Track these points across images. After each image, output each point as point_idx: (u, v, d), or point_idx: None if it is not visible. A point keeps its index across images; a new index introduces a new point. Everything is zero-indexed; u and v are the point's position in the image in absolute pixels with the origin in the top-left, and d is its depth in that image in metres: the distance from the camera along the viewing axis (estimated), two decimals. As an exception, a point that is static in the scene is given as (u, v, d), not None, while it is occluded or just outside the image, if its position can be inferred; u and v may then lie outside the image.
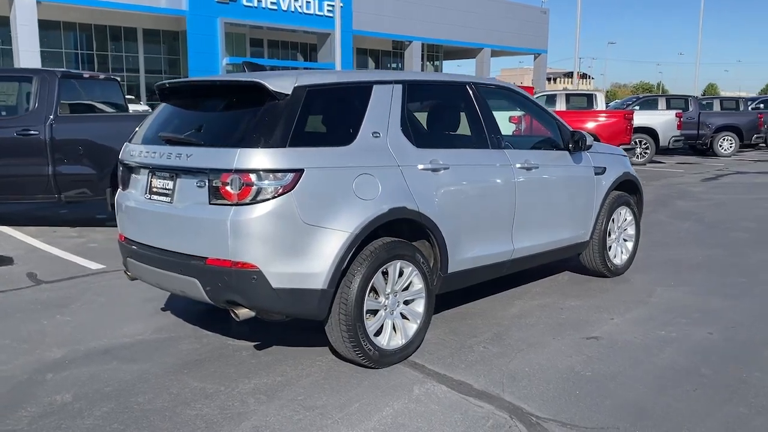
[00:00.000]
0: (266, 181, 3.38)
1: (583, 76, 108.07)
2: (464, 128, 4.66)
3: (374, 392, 3.57)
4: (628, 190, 5.86)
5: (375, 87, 3.98)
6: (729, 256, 6.69)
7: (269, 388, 3.63)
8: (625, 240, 5.91)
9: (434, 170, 4.07)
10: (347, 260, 3.59)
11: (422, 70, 48.57)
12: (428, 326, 4.14)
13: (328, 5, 39.17)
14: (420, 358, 4.02)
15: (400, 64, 48.57)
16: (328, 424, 3.21)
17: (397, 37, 45.05)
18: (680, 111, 17.89)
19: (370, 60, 49.77)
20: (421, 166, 4.01)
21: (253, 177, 3.38)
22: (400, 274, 3.89)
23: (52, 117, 7.55)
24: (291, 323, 4.11)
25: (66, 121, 7.66)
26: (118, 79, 9.35)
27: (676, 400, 3.44)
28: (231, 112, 3.79)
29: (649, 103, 20.36)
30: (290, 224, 3.44)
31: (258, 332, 4.51)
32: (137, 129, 4.32)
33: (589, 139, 5.09)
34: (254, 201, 3.39)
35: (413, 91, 4.17)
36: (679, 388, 3.59)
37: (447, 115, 4.62)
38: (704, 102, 22.31)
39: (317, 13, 38.91)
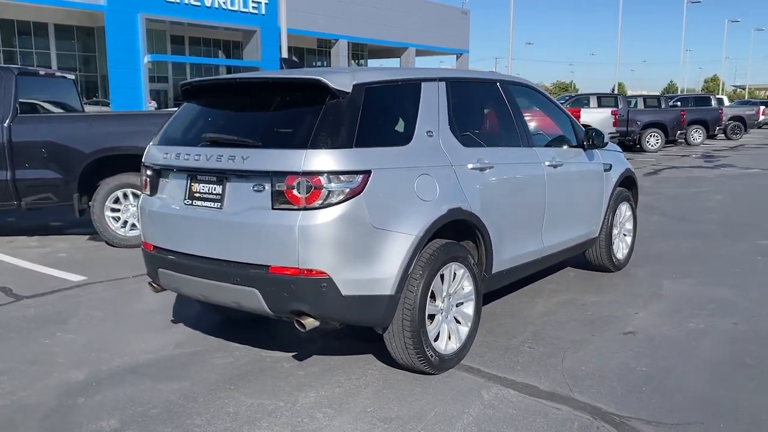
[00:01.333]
0: (335, 184, 3.20)
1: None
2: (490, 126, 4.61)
3: (443, 399, 3.46)
4: (626, 186, 5.98)
5: (423, 84, 3.87)
6: (710, 248, 6.97)
7: (332, 401, 3.45)
8: (625, 235, 6.04)
9: (481, 169, 3.99)
10: (413, 264, 3.47)
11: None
12: (477, 329, 4.07)
13: (253, 2, 38.40)
14: (471, 362, 3.93)
15: (326, 63, 48.24)
16: (416, 437, 3.08)
17: (324, 36, 44.74)
18: (615, 109, 18.61)
19: (294, 58, 49.13)
20: (470, 166, 3.93)
21: (322, 179, 3.19)
22: (453, 276, 3.79)
23: (9, 118, 6.95)
24: (318, 331, 3.99)
25: (26, 122, 7.07)
26: (73, 77, 8.74)
27: (740, 393, 3.50)
28: (288, 110, 3.57)
29: (581, 102, 21.10)
30: (360, 228, 3.28)
31: (286, 342, 4.31)
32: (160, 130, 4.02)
33: (607, 137, 5.16)
34: (324, 205, 3.20)
35: (454, 89, 4.07)
36: (735, 380, 3.66)
37: (484, 112, 4.56)
38: (629, 100, 23.33)
39: (242, 9, 38.03)
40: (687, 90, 65.00)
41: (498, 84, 4.54)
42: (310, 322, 3.34)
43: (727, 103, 32.08)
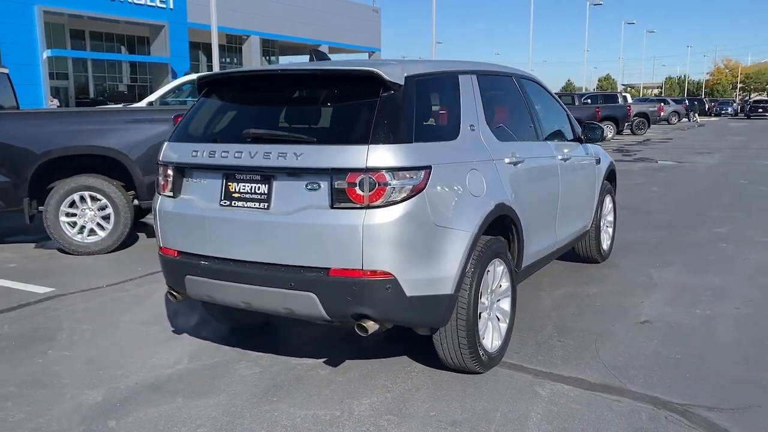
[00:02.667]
0: (399, 181, 3.05)
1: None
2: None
3: (502, 399, 3.38)
4: (609, 179, 6.13)
5: (460, 77, 3.77)
6: (675, 237, 7.28)
7: (390, 407, 3.30)
8: (607, 227, 6.19)
9: (515, 164, 3.95)
10: (469, 262, 3.37)
11: (261, 65, 47.44)
12: (513, 325, 4.02)
13: (161, -5, 36.84)
14: (510, 358, 3.87)
15: (236, 59, 47.04)
16: (496, 439, 2.99)
17: (234, 31, 43.53)
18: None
19: (201, 54, 47.60)
20: (507, 160, 3.87)
21: (387, 176, 3.03)
22: (495, 273, 3.73)
23: (-55, 115, 6.28)
24: (333, 333, 3.91)
25: (-35, 119, 6.41)
26: (7, 70, 8.02)
27: (777, 374, 3.64)
28: (340, 104, 3.37)
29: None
30: (423, 226, 3.15)
31: (306, 348, 4.11)
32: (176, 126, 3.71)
33: (606, 131, 5.25)
34: (388, 203, 3.04)
35: (483, 82, 4.00)
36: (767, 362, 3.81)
37: (508, 106, 4.51)
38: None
39: (149, 3, 36.32)
40: (585, 88, 68.22)
41: (513, 77, 4.52)
42: (371, 326, 3.18)
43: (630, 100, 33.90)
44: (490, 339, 3.69)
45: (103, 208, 6.63)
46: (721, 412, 3.21)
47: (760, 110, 52.01)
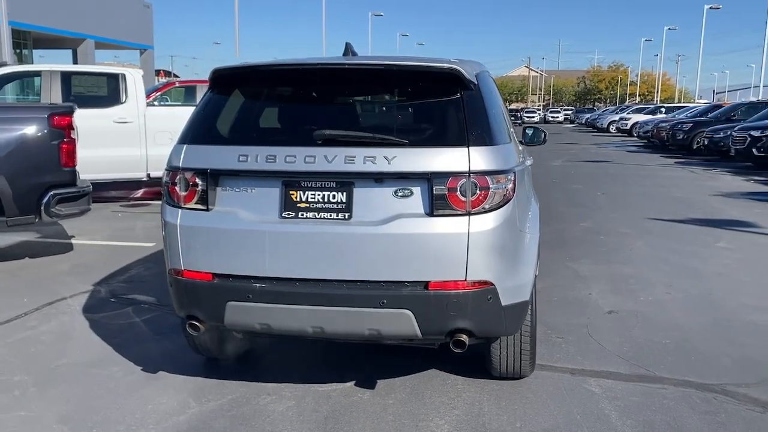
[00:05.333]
0: (497, 184, 2.89)
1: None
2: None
3: (565, 400, 3.37)
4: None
5: (490, 78, 3.69)
6: (556, 231, 7.88)
7: (471, 425, 3.13)
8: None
9: (527, 165, 3.97)
10: (537, 266, 3.32)
11: (11, 59, 41.71)
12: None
13: None
14: (532, 359, 3.90)
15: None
16: (605, 441, 2.98)
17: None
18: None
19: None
20: (528, 162, 3.88)
21: (489, 180, 2.86)
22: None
23: None
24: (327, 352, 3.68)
25: None
26: None
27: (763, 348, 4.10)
28: (420, 103, 3.07)
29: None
30: (514, 231, 3.03)
31: (317, 371, 3.73)
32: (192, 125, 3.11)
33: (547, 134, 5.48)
34: (491, 208, 2.87)
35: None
36: (743, 338, 4.26)
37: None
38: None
39: None
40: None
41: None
42: (466, 341, 2.96)
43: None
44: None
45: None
46: (750, 388, 3.54)
47: (512, 118, 58.34)
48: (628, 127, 34.84)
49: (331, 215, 2.89)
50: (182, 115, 9.70)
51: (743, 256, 6.61)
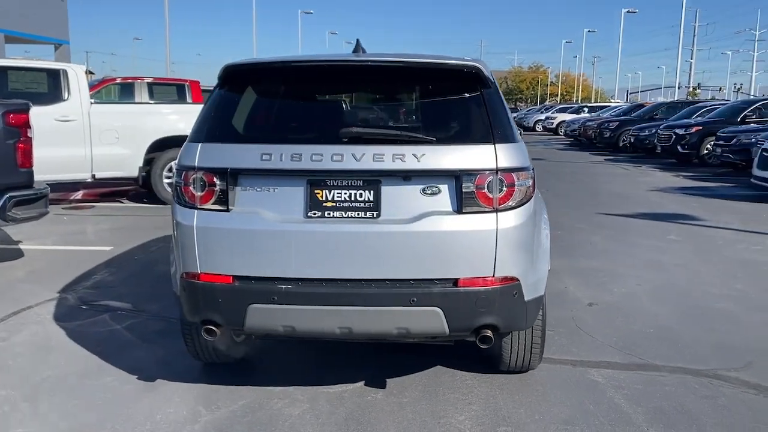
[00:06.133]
0: (521, 181, 2.94)
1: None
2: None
3: (574, 392, 3.47)
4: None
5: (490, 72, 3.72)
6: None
7: (491, 419, 3.17)
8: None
9: None
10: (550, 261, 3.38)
11: None
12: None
13: None
14: (531, 353, 3.98)
15: None
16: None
17: None
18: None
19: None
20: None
21: (515, 177, 2.89)
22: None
23: None
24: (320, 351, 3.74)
25: None
26: None
27: (737, 334, 4.31)
28: (441, 100, 3.05)
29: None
30: (535, 227, 3.08)
31: (318, 373, 3.68)
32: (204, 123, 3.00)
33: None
34: (517, 204, 2.91)
35: None
36: (719, 325, 4.49)
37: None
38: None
39: None
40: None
41: None
42: (491, 337, 2.99)
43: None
44: (533, 336, 3.74)
45: None
46: (739, 371, 3.74)
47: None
48: (554, 125, 36.04)
49: (358, 214, 2.85)
50: (132, 112, 9.58)
51: (694, 248, 6.96)
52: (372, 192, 2.85)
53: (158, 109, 9.85)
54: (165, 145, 9.34)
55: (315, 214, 2.86)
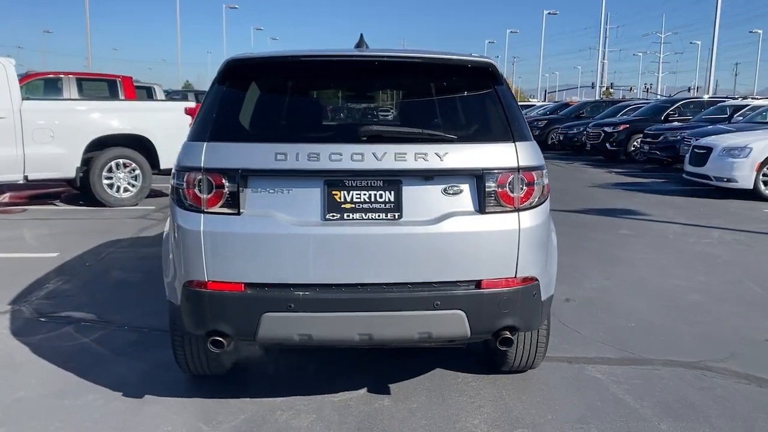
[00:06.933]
0: (540, 180, 2.89)
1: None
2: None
3: (578, 389, 3.47)
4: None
5: None
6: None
7: (506, 420, 3.12)
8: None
9: None
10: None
11: None
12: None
13: None
14: (525, 351, 3.97)
15: None
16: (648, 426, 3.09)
17: None
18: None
19: None
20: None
21: (534, 175, 2.85)
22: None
23: None
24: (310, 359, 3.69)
25: None
26: None
27: (720, 325, 4.45)
28: (457, 97, 2.95)
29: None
30: (549, 227, 3.05)
31: (318, 382, 3.55)
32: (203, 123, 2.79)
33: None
34: (537, 203, 2.87)
35: None
36: (701, 319, 4.60)
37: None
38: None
39: None
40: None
41: None
42: (513, 338, 2.93)
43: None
44: (531, 334, 3.72)
45: None
46: (726, 362, 3.84)
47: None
48: (481, 124, 36.68)
49: (379, 215, 2.73)
50: (68, 109, 8.98)
51: (649, 242, 7.19)
52: (393, 192, 2.74)
53: (96, 106, 9.30)
54: (103, 144, 8.86)
55: (333, 216, 2.72)
